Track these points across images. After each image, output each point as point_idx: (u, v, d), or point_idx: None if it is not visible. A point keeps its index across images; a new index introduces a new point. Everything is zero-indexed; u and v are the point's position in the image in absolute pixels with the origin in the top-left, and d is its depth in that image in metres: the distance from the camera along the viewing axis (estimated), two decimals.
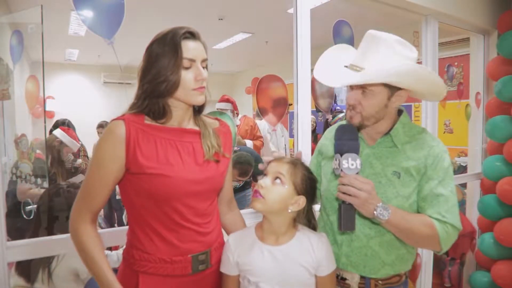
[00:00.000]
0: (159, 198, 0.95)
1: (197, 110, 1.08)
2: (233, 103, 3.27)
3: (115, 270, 0.98)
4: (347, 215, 1.00)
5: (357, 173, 1.01)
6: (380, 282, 1.13)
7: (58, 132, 2.68)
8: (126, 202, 1.01)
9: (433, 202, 1.07)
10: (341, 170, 1.01)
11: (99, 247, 0.95)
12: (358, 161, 1.00)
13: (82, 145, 2.96)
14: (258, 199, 0.99)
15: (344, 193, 1.00)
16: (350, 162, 1.00)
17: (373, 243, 1.12)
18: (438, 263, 2.71)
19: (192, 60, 0.95)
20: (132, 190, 0.97)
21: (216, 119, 1.15)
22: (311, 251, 1.03)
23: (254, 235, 1.05)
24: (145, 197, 0.96)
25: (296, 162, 1.06)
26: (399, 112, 1.17)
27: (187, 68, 0.95)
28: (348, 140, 1.04)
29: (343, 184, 1.00)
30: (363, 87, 1.07)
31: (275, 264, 1.00)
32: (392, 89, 1.07)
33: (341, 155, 1.01)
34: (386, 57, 1.06)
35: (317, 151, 1.34)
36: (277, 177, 1.01)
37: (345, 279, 1.16)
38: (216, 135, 1.07)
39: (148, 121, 0.99)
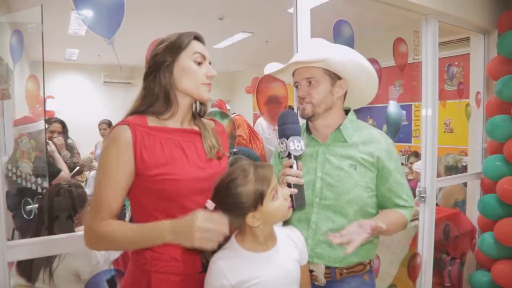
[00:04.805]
0: (168, 197, 0.96)
1: (198, 113, 1.10)
2: (219, 106, 3.28)
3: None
4: (298, 194, 1.05)
5: (301, 154, 1.09)
6: (344, 270, 1.22)
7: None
8: (134, 202, 1.01)
9: (398, 191, 1.22)
10: (288, 152, 1.07)
11: (127, 223, 0.95)
12: (302, 143, 1.09)
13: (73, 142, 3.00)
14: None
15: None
16: (296, 144, 1.07)
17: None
18: (438, 263, 2.72)
19: (204, 57, 1.02)
20: (140, 192, 0.97)
21: (211, 119, 1.17)
22: (294, 244, 1.06)
23: (242, 250, 0.99)
24: (155, 197, 0.97)
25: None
26: (347, 112, 1.29)
27: (199, 64, 1.01)
28: (292, 123, 1.10)
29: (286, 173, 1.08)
30: (308, 79, 1.20)
31: (276, 267, 0.99)
32: (333, 77, 1.21)
33: (287, 138, 1.08)
34: (323, 45, 1.24)
35: (276, 153, 1.39)
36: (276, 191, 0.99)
37: (312, 271, 1.22)
38: (215, 134, 1.10)
39: (151, 122, 1.00)
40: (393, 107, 2.53)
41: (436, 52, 2.26)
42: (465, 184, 2.94)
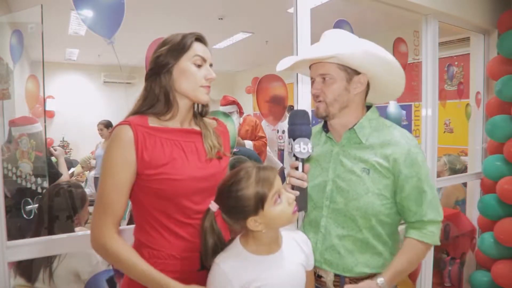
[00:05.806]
0: (167, 197, 0.97)
1: (200, 113, 1.11)
2: (238, 104, 3.26)
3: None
4: (300, 196, 1.04)
5: (308, 157, 1.06)
6: (355, 281, 1.12)
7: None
8: (134, 202, 1.02)
9: (417, 200, 1.10)
10: (294, 154, 1.05)
11: (134, 251, 0.95)
12: (310, 145, 1.05)
13: None
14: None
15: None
16: (302, 146, 1.05)
17: (346, 242, 1.13)
18: (438, 263, 2.72)
19: (204, 60, 1.02)
20: (140, 191, 0.98)
21: (214, 118, 1.17)
22: (300, 249, 1.04)
23: (246, 253, 0.96)
24: (154, 197, 0.97)
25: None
26: (368, 108, 1.20)
27: (199, 66, 1.01)
28: (300, 125, 1.07)
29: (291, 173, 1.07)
30: (322, 75, 1.11)
31: (280, 271, 0.97)
32: (350, 73, 1.11)
33: (294, 140, 1.06)
34: (339, 39, 1.15)
35: None
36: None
37: (321, 276, 1.17)
38: (217, 134, 1.10)
39: (152, 122, 1.00)
40: (393, 107, 2.53)
41: (436, 52, 2.26)
42: (465, 184, 2.94)
